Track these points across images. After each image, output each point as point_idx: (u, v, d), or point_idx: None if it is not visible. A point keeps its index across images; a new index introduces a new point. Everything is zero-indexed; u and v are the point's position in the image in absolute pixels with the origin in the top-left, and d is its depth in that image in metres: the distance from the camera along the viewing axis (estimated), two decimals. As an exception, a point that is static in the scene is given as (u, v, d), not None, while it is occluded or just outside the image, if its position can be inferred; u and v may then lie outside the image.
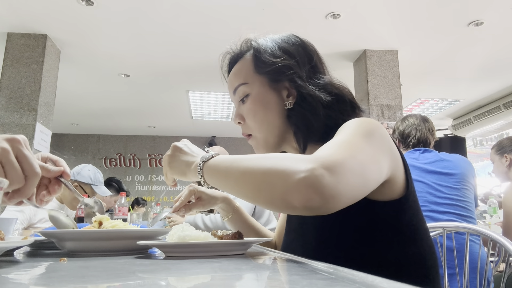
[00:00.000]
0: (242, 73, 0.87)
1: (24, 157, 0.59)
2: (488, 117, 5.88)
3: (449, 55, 4.33)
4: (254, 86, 0.84)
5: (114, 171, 7.42)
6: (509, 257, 1.22)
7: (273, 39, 0.87)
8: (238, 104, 0.88)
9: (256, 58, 0.85)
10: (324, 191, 0.52)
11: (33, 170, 0.60)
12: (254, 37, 0.89)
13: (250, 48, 0.89)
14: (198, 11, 3.38)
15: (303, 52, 0.86)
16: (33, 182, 0.61)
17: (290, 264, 0.52)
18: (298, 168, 0.54)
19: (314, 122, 0.79)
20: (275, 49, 0.84)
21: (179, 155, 0.76)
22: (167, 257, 0.63)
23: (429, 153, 1.91)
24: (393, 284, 0.33)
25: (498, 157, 2.36)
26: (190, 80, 4.93)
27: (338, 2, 3.32)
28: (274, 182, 0.55)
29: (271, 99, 0.83)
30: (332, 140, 0.65)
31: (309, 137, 0.81)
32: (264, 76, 0.84)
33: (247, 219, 1.10)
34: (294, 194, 0.53)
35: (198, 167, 0.69)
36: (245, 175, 0.60)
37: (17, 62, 3.70)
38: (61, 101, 4.96)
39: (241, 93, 0.86)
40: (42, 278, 0.46)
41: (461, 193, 1.76)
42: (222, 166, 0.65)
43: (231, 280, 0.42)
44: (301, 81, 0.81)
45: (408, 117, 2.06)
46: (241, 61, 0.89)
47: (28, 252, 0.77)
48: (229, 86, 0.90)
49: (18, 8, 3.35)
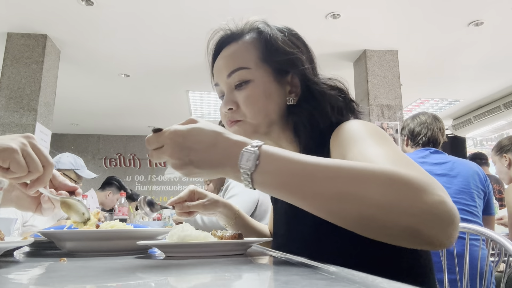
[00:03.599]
0: (243, 56, 0.78)
1: (39, 150, 0.68)
2: (488, 117, 5.88)
3: (449, 55, 4.33)
4: (257, 73, 0.77)
5: (114, 171, 7.42)
6: (509, 257, 1.22)
7: (280, 28, 0.81)
8: (231, 89, 0.79)
9: (267, 43, 0.78)
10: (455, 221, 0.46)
11: (48, 160, 0.69)
12: (262, 20, 0.82)
13: (254, 30, 0.81)
14: (198, 11, 3.38)
15: (306, 50, 0.83)
16: (49, 171, 0.69)
17: (290, 264, 0.52)
18: (427, 185, 0.46)
19: (319, 119, 0.76)
20: (286, 38, 0.78)
21: (210, 140, 0.54)
22: (167, 257, 0.63)
23: (439, 154, 1.87)
24: (393, 284, 0.33)
25: (498, 157, 2.35)
26: (190, 80, 4.93)
27: (338, 2, 3.32)
28: (396, 203, 0.46)
29: (274, 91, 0.77)
30: (376, 154, 0.56)
31: (311, 135, 0.77)
32: (270, 66, 0.78)
33: (249, 222, 1.06)
34: (429, 223, 0.45)
35: (251, 159, 0.51)
36: (340, 194, 0.48)
37: (17, 62, 3.70)
38: (61, 101, 4.95)
39: (240, 77, 0.77)
40: (42, 278, 0.46)
41: (469, 197, 1.72)
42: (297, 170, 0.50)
43: (231, 280, 0.42)
44: (312, 76, 0.78)
45: (420, 115, 2.01)
46: (240, 43, 0.80)
47: (28, 252, 0.77)
48: (221, 68, 0.80)
49: (18, 8, 3.35)
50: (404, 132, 2.04)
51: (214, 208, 0.97)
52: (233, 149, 0.53)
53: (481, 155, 3.85)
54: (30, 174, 0.66)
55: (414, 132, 1.97)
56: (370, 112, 4.09)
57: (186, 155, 0.53)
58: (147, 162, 7.82)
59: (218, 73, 0.82)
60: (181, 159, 0.53)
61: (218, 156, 0.53)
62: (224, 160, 0.53)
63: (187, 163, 0.53)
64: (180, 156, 0.53)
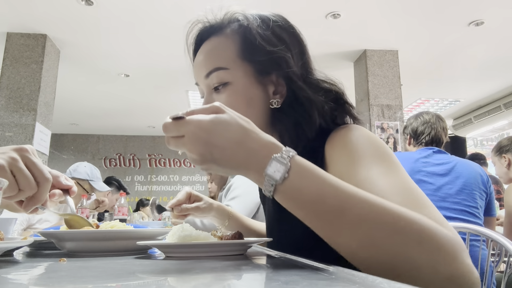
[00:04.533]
0: (221, 55, 0.70)
1: (33, 164, 0.61)
2: (489, 117, 5.89)
3: (449, 55, 4.33)
4: (236, 74, 0.69)
5: (114, 171, 7.42)
6: (510, 257, 1.21)
7: (263, 18, 0.71)
8: (210, 90, 0.71)
9: (246, 41, 0.70)
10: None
11: (44, 176, 0.61)
12: (241, 10, 0.73)
13: (234, 22, 0.72)
14: (198, 11, 3.38)
15: (297, 42, 0.73)
16: (45, 187, 0.62)
17: (290, 264, 0.52)
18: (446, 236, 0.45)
19: (306, 127, 0.68)
20: (268, 33, 0.69)
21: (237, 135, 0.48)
22: (167, 257, 0.63)
23: (442, 154, 1.86)
24: (393, 284, 0.33)
25: (498, 158, 2.35)
26: (190, 80, 4.86)
27: (338, 2, 3.32)
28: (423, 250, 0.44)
29: (255, 94, 0.69)
30: (383, 185, 0.53)
31: (298, 142, 0.69)
32: (250, 64, 0.69)
33: (244, 222, 1.06)
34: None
35: (280, 165, 0.46)
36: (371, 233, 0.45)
37: (17, 62, 3.70)
38: (61, 101, 4.96)
39: (218, 79, 0.69)
40: (42, 278, 0.46)
41: (470, 198, 1.72)
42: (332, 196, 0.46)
43: (231, 280, 0.42)
44: (297, 79, 0.69)
45: (423, 114, 2.00)
46: (220, 38, 0.72)
47: (27, 252, 0.76)
48: (199, 66, 0.73)
49: (18, 8, 3.35)
50: (406, 131, 2.03)
51: (209, 211, 0.99)
52: (262, 152, 0.48)
53: (479, 155, 3.86)
54: (22, 193, 0.60)
55: (417, 131, 1.95)
56: (370, 112, 4.09)
57: (209, 152, 0.47)
58: (147, 162, 7.82)
59: (197, 72, 0.74)
60: (202, 155, 0.48)
61: (243, 157, 0.48)
62: (249, 162, 0.48)
63: (208, 160, 0.48)
64: (202, 152, 0.48)
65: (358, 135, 0.63)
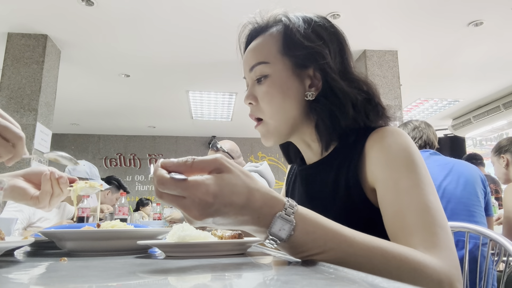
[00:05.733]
0: (263, 50, 0.78)
1: (4, 128, 0.61)
2: (488, 117, 5.89)
3: (449, 55, 4.33)
4: (275, 67, 0.76)
5: (114, 171, 7.42)
6: (509, 257, 1.22)
7: (306, 18, 0.79)
8: (253, 83, 0.79)
9: (286, 37, 0.77)
10: None
11: (16, 135, 0.62)
12: (284, 12, 0.81)
13: (278, 23, 0.80)
14: (198, 11, 3.38)
15: (336, 41, 0.80)
16: (21, 146, 0.63)
17: (290, 264, 0.52)
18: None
19: (340, 117, 0.73)
20: (308, 31, 0.76)
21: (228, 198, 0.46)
22: (167, 257, 0.63)
23: (438, 156, 1.90)
24: (393, 284, 0.33)
25: (496, 158, 2.35)
26: (190, 80, 4.93)
27: (338, 2, 3.32)
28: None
29: (292, 86, 0.75)
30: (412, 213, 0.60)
31: (333, 134, 0.75)
32: (289, 59, 0.76)
33: None
34: None
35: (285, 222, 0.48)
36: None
37: (18, 62, 3.70)
38: (61, 101, 4.96)
39: (259, 72, 0.77)
40: (42, 278, 0.46)
41: (474, 197, 1.73)
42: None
43: (231, 280, 0.42)
44: (332, 72, 0.75)
45: (412, 121, 2.05)
46: (265, 36, 0.79)
47: (28, 252, 0.77)
48: (245, 62, 0.81)
49: (18, 8, 3.35)
50: None
51: None
52: (265, 210, 0.48)
53: (476, 155, 3.87)
54: (0, 158, 0.61)
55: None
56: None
57: (211, 215, 0.45)
58: (147, 162, 7.82)
59: (244, 66, 0.82)
60: (204, 220, 0.45)
61: (247, 218, 0.47)
62: (253, 221, 0.48)
63: (209, 222, 0.46)
64: (205, 218, 0.45)
65: (393, 142, 0.68)
